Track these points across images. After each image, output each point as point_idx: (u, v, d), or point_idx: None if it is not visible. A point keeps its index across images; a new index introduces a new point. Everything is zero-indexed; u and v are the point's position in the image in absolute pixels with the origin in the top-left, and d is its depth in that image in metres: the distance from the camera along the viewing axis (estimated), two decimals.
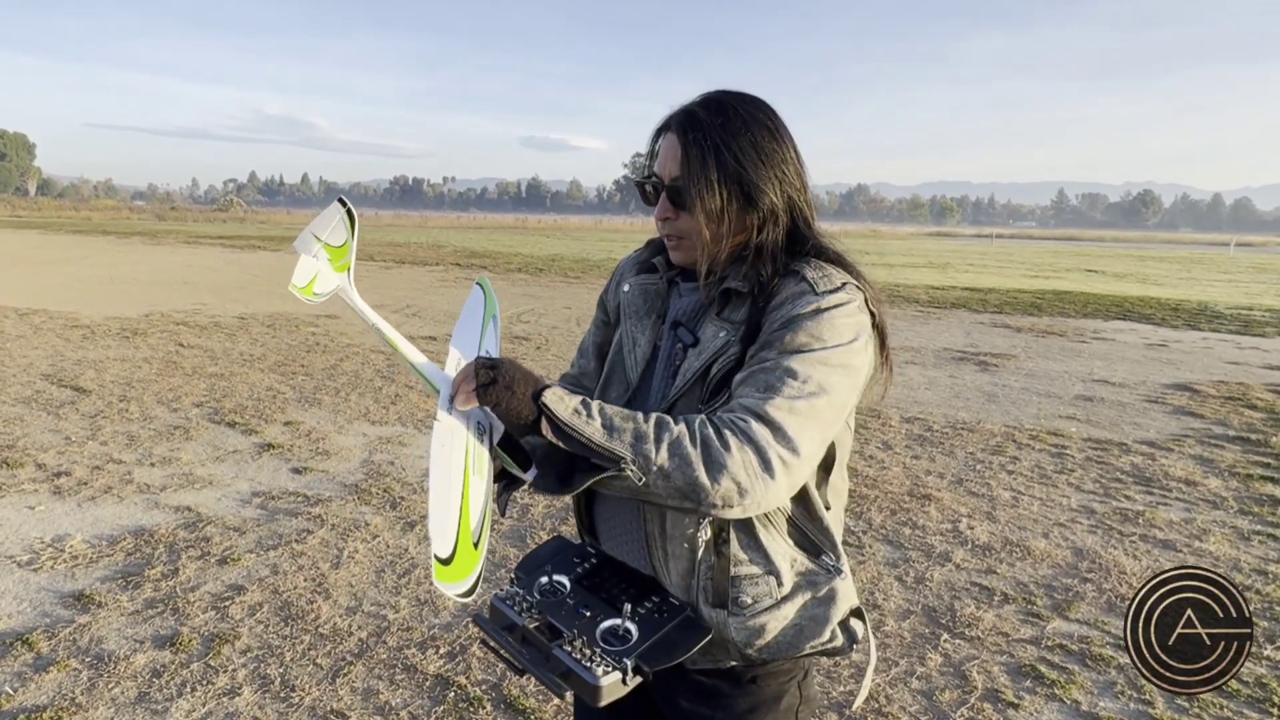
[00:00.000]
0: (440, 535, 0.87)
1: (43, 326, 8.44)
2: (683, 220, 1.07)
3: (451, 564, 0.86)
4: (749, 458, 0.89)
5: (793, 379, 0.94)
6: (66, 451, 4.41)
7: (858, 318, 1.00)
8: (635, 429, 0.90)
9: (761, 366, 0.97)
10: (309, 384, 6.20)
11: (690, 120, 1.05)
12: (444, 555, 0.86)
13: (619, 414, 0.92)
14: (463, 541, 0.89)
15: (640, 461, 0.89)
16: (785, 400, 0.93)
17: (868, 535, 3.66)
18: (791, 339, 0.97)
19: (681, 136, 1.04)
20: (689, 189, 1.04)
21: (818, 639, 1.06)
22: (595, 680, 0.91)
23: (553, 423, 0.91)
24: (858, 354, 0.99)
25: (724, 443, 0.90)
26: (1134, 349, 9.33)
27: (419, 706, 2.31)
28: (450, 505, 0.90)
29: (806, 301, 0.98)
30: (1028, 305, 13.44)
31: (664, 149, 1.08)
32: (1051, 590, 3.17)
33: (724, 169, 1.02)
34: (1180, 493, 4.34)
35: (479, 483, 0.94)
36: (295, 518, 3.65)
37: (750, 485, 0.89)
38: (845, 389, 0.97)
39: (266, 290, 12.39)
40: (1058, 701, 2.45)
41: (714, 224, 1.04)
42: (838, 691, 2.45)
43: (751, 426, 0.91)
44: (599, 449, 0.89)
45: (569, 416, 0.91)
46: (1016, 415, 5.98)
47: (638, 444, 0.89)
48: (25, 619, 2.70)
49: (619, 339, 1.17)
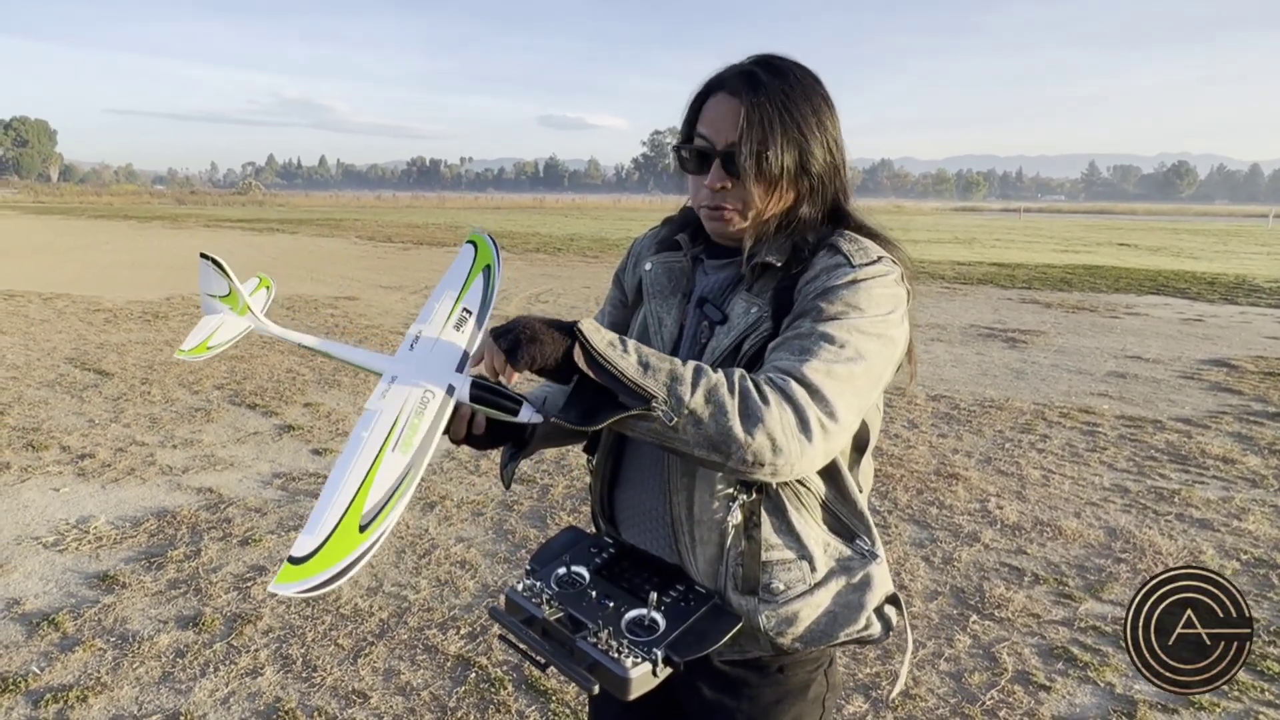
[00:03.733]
0: (307, 532, 0.79)
1: (66, 311, 8.55)
2: (738, 188, 1.00)
3: (310, 560, 0.77)
4: (787, 415, 0.85)
5: (829, 343, 0.90)
6: (90, 434, 4.46)
7: (895, 290, 0.96)
8: (671, 369, 0.86)
9: (796, 333, 0.93)
10: (328, 366, 6.21)
11: (750, 81, 0.97)
12: (299, 555, 0.78)
13: (655, 354, 0.88)
14: (344, 527, 0.80)
15: (672, 402, 0.83)
16: (823, 363, 0.88)
17: (893, 515, 3.59)
18: (828, 307, 0.93)
19: (744, 98, 0.96)
20: (753, 154, 0.96)
21: (852, 626, 1.02)
22: (625, 672, 0.88)
23: (587, 352, 0.86)
24: (894, 325, 0.95)
25: (762, 396, 0.85)
26: (1168, 324, 9.09)
27: (440, 687, 2.30)
28: (333, 499, 0.82)
29: (842, 274, 0.95)
30: (1057, 280, 13.15)
31: (715, 112, 0.99)
32: (1084, 571, 3.09)
33: (789, 134, 0.97)
34: (1218, 471, 4.21)
35: (397, 458, 0.86)
36: (316, 499, 3.64)
37: (785, 444, 0.84)
38: (882, 359, 0.93)
39: (286, 273, 12.47)
40: (1091, 684, 2.38)
41: (774, 192, 0.99)
42: (863, 674, 2.40)
43: (790, 385, 0.86)
44: (631, 384, 0.84)
45: (604, 348, 0.86)
46: (1046, 392, 5.85)
47: (672, 384, 0.84)
48: (51, 599, 2.73)
49: (643, 319, 1.12)
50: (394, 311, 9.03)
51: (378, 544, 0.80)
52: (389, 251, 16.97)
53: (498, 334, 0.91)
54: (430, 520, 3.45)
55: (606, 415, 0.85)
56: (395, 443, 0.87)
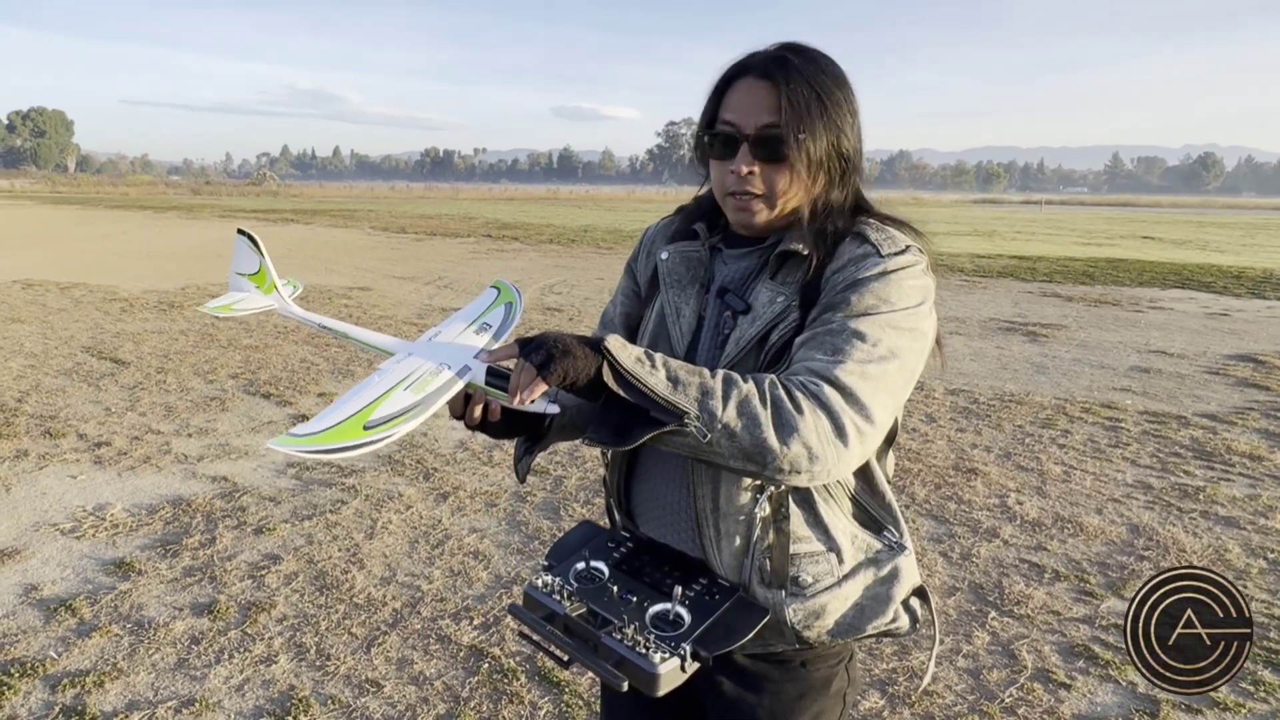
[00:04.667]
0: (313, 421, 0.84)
1: (83, 300, 8.63)
2: (769, 174, 0.97)
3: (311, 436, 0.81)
4: (821, 422, 0.83)
5: (861, 341, 0.88)
6: (107, 422, 4.49)
7: (923, 280, 0.95)
8: (701, 383, 0.84)
9: (827, 329, 0.90)
10: (342, 355, 6.23)
11: (784, 65, 0.96)
12: (301, 431, 0.82)
13: (684, 367, 0.86)
14: (351, 422, 0.83)
15: (705, 417, 0.82)
16: (856, 364, 0.86)
17: (911, 510, 3.54)
18: (858, 300, 0.91)
19: (779, 82, 0.95)
20: (790, 138, 0.94)
21: (880, 619, 1.00)
22: (653, 668, 0.86)
23: (616, 371, 0.85)
24: (925, 318, 0.93)
25: (795, 404, 0.83)
26: (1193, 318, 8.93)
27: (453, 677, 2.29)
28: (341, 407, 0.86)
29: (872, 263, 0.93)
30: (1079, 274, 12.96)
31: (744, 96, 0.97)
32: (1105, 568, 3.03)
33: (827, 118, 0.96)
34: (1244, 468, 4.13)
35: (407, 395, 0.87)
36: (329, 488, 3.66)
37: (822, 451, 0.82)
38: (914, 354, 0.91)
39: (301, 264, 12.53)
40: (1112, 683, 2.34)
41: (807, 177, 0.97)
42: (880, 669, 2.36)
43: (824, 390, 0.84)
44: (662, 401, 0.83)
45: (632, 365, 0.85)
46: (1068, 387, 5.76)
47: (704, 399, 0.83)
48: (69, 585, 2.74)
49: (659, 310, 1.09)
50: (408, 302, 9.05)
51: (378, 444, 0.81)
52: (403, 242, 17.01)
53: (527, 347, 0.88)
54: (443, 511, 3.45)
55: (639, 433, 0.84)
56: (407, 385, 0.89)
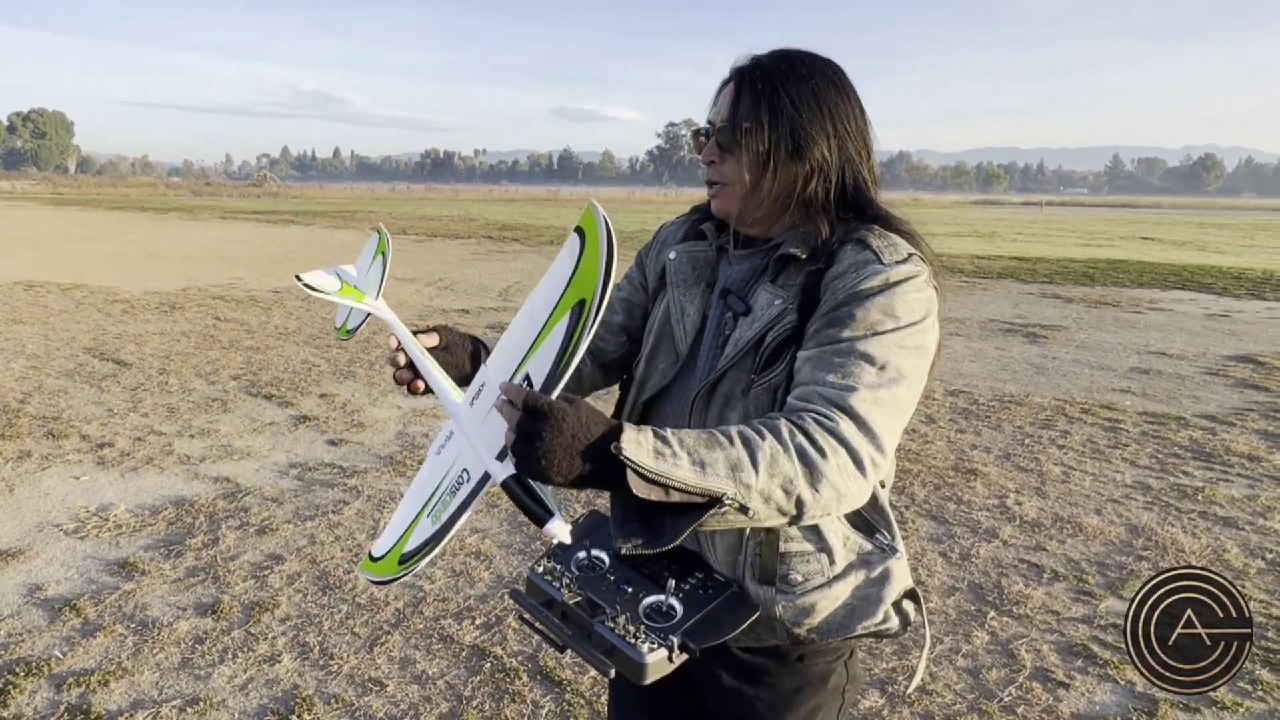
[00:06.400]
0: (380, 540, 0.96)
1: (84, 301, 8.64)
2: (727, 164, 1.03)
3: (377, 562, 0.94)
4: (844, 460, 0.83)
5: (870, 365, 0.88)
6: (109, 423, 4.51)
7: (927, 292, 0.94)
8: (726, 457, 0.78)
9: (835, 348, 0.90)
10: (343, 357, 6.24)
11: (753, 67, 1.02)
12: (376, 554, 0.95)
13: (700, 442, 0.79)
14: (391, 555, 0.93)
15: (741, 492, 0.77)
16: (869, 391, 0.86)
17: (911, 510, 3.55)
18: (864, 317, 0.90)
19: (739, 81, 1.02)
20: (736, 130, 1.00)
21: (870, 620, 1.02)
22: (641, 658, 0.88)
23: (638, 474, 0.76)
24: (929, 332, 0.93)
25: (819, 449, 0.82)
26: (1193, 319, 8.94)
27: (455, 676, 2.31)
28: (392, 525, 0.96)
29: (873, 272, 0.93)
30: (1079, 275, 12.97)
31: (723, 99, 1.05)
32: (1105, 568, 3.05)
33: (776, 112, 0.98)
34: (1243, 469, 4.14)
35: (428, 525, 0.90)
36: (331, 489, 3.67)
37: (846, 489, 0.82)
38: (920, 374, 0.92)
39: (301, 264, 12.52)
40: (1111, 681, 2.35)
41: (756, 168, 1.00)
42: (880, 668, 2.38)
43: (840, 425, 0.84)
44: (695, 490, 0.77)
45: (654, 463, 0.76)
46: (1067, 388, 5.77)
47: (735, 474, 0.78)
48: (73, 585, 2.76)
49: (665, 309, 1.11)
50: (409, 304, 9.06)
51: (408, 575, 0.92)
52: (403, 244, 17.02)
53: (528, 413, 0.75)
54: None
55: (674, 525, 0.78)
56: (430, 510, 0.92)
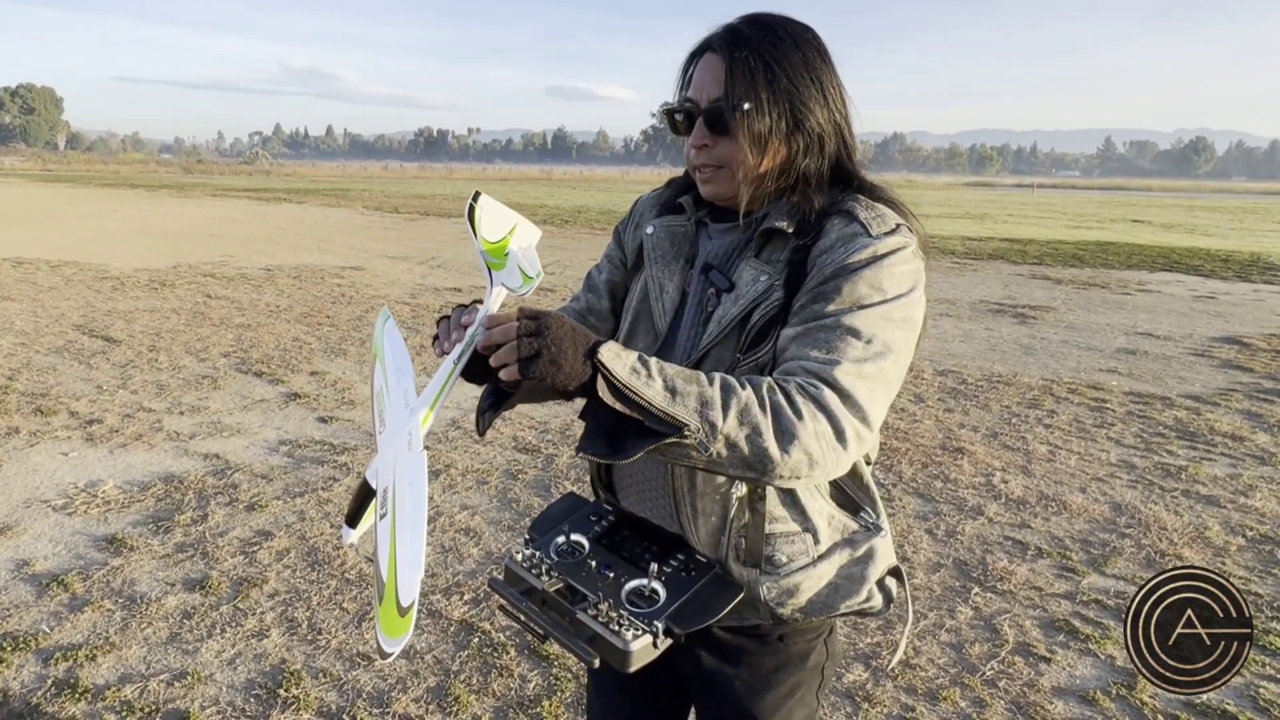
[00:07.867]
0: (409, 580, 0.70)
1: (74, 278, 8.56)
2: (722, 146, 0.97)
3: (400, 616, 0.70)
4: (823, 427, 0.81)
5: (856, 339, 0.86)
6: (98, 400, 4.48)
7: (914, 264, 0.91)
8: (699, 392, 0.79)
9: (820, 324, 0.88)
10: (334, 335, 6.22)
11: (735, 37, 0.95)
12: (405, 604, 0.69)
13: (680, 374, 0.81)
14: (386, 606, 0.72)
15: (705, 428, 0.78)
16: (853, 364, 0.84)
17: (897, 488, 3.58)
18: (850, 290, 0.88)
19: (726, 54, 0.94)
20: (735, 110, 0.93)
21: (854, 598, 1.01)
22: (625, 645, 0.86)
23: (610, 383, 0.79)
24: (916, 305, 0.91)
25: (795, 410, 0.80)
26: (1180, 301, 8.99)
27: (444, 651, 2.32)
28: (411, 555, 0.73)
29: (861, 245, 0.90)
30: (1069, 256, 13.00)
31: (701, 71, 0.98)
32: (1088, 545, 3.08)
33: (775, 87, 0.93)
34: (1226, 448, 4.19)
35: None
36: (321, 466, 3.67)
37: (822, 456, 0.80)
38: (907, 346, 0.89)
39: (292, 242, 12.44)
40: (1091, 656, 2.39)
41: (759, 149, 0.95)
42: (864, 643, 2.41)
43: (823, 393, 0.82)
44: (660, 414, 0.78)
45: (628, 377, 0.78)
46: (1055, 368, 5.80)
47: (703, 409, 0.78)
48: (61, 561, 2.76)
49: (643, 286, 1.08)
50: (400, 282, 9.01)
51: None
52: (395, 222, 16.89)
53: (526, 328, 0.80)
54: (435, 488, 3.46)
55: (635, 445, 0.79)
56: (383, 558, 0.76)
